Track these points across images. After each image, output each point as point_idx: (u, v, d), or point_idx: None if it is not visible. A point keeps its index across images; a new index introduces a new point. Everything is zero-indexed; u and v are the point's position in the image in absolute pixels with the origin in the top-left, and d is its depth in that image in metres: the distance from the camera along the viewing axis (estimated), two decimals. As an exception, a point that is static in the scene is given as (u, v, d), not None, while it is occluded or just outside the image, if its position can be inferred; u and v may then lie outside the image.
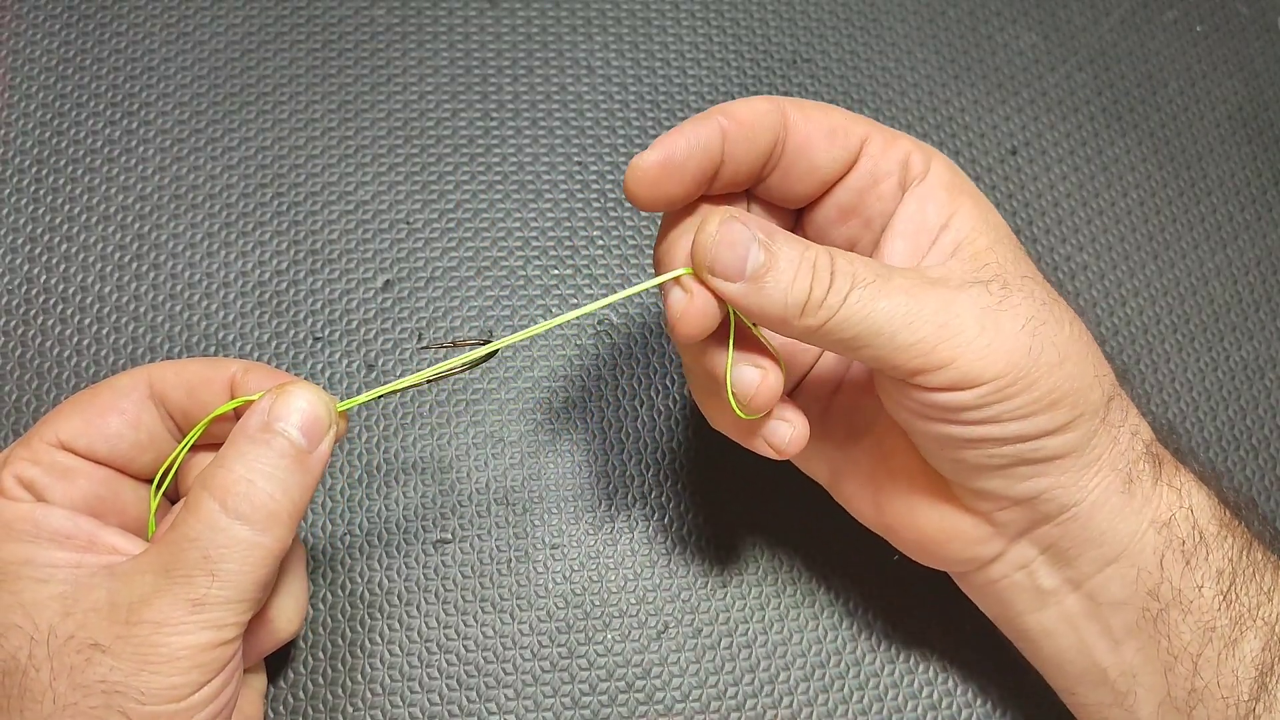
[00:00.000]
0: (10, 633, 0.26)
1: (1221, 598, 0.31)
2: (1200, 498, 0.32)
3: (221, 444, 0.29)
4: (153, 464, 0.31)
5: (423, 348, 0.41)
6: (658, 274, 0.31)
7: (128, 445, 0.30)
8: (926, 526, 0.33)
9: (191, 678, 0.26)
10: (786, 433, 0.31)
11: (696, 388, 0.34)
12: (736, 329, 0.30)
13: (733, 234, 0.28)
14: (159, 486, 0.31)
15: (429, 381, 0.31)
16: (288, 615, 0.32)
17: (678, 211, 0.31)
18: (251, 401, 0.29)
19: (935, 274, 0.30)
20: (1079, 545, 0.32)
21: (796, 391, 0.36)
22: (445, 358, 0.37)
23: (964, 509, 0.32)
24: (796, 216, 0.35)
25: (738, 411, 0.30)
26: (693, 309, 0.29)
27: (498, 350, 0.31)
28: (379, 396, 0.30)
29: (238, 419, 0.30)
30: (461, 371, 0.31)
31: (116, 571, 0.27)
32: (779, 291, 0.28)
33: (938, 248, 0.31)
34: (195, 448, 0.32)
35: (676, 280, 0.29)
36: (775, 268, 0.28)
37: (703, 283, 0.29)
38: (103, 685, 0.26)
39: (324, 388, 0.38)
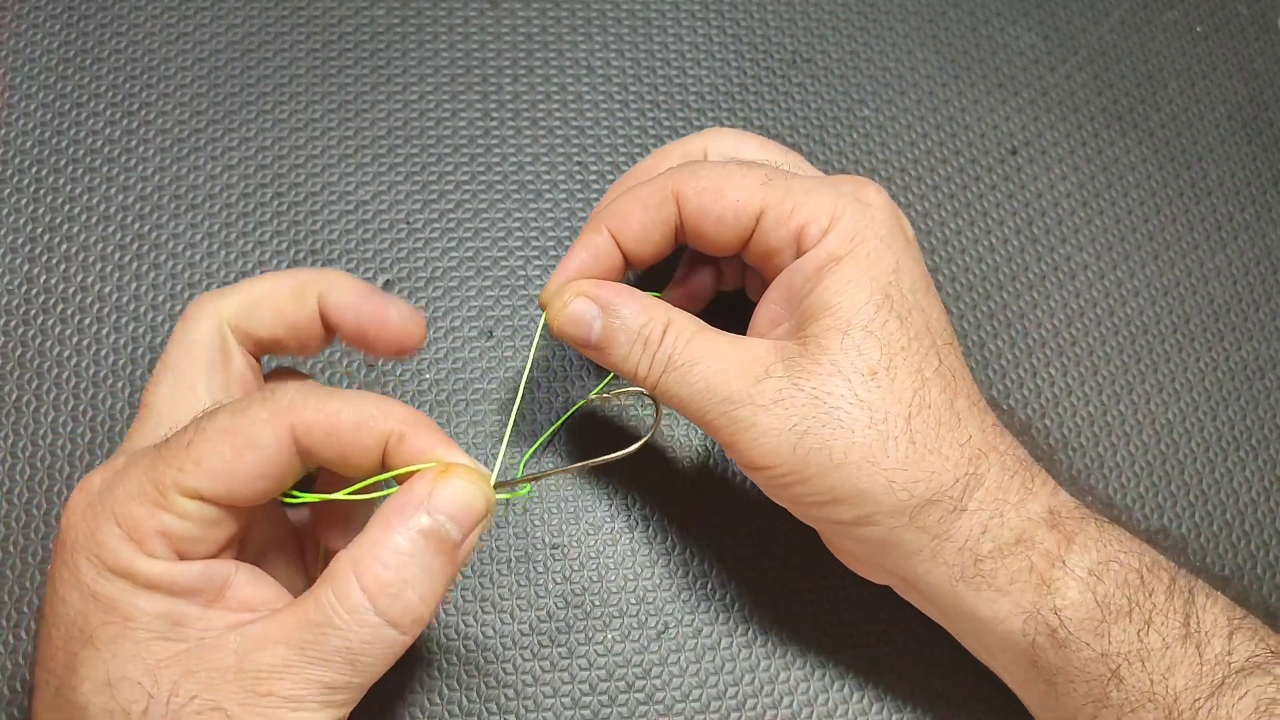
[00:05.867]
0: (125, 684, 0.26)
1: (1107, 678, 0.31)
2: (1075, 594, 0.31)
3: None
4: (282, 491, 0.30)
5: (590, 399, 0.41)
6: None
7: (270, 497, 0.29)
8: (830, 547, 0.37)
9: None
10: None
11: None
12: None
13: (579, 312, 0.33)
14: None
15: (582, 469, 0.35)
16: None
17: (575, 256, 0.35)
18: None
19: (751, 355, 0.32)
20: (943, 612, 0.34)
21: None
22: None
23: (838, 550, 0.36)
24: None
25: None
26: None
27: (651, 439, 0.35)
28: (536, 478, 0.32)
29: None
30: (618, 458, 0.34)
31: (247, 635, 0.26)
32: (618, 361, 0.33)
33: (788, 321, 0.34)
34: (279, 376, 0.33)
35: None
36: (614, 341, 0.33)
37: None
38: None
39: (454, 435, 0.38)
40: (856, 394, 0.31)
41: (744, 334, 0.34)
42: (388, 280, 0.42)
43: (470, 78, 0.46)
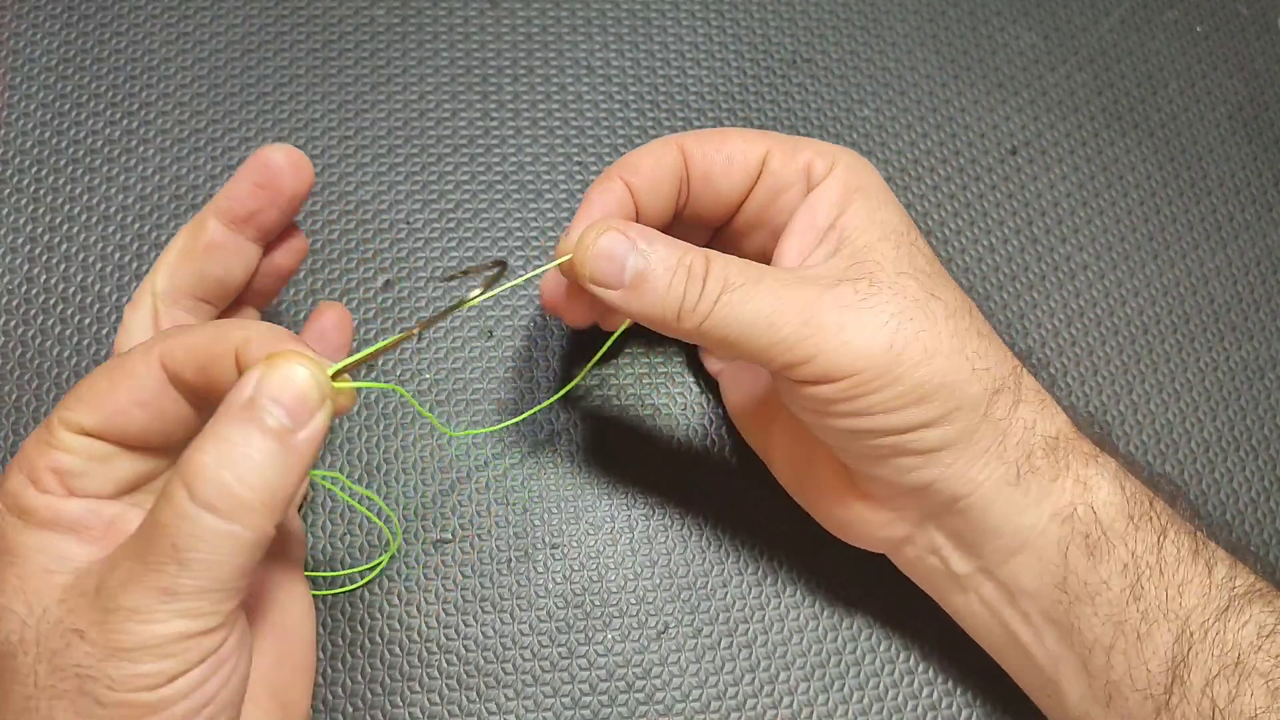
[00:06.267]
0: (7, 616, 0.26)
1: (1129, 591, 0.31)
2: (1106, 493, 0.32)
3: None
4: (186, 436, 0.29)
5: (445, 279, 0.41)
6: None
7: (158, 435, 0.29)
8: (835, 508, 0.36)
9: (164, 667, 0.25)
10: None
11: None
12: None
13: (611, 245, 0.30)
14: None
15: (421, 330, 0.30)
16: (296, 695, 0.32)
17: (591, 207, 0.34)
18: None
19: (810, 274, 0.31)
20: (980, 534, 0.33)
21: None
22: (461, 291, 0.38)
23: (865, 495, 0.35)
24: (715, 232, 0.37)
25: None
26: (567, 307, 0.34)
27: (499, 278, 0.30)
28: (376, 353, 0.28)
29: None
30: (450, 312, 0.29)
31: (108, 558, 0.26)
32: (656, 297, 0.30)
33: (823, 246, 0.32)
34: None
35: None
36: (652, 274, 0.30)
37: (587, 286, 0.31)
38: (77, 669, 0.25)
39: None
40: (928, 289, 0.31)
41: None
42: (388, 280, 0.42)
43: (470, 78, 0.46)
